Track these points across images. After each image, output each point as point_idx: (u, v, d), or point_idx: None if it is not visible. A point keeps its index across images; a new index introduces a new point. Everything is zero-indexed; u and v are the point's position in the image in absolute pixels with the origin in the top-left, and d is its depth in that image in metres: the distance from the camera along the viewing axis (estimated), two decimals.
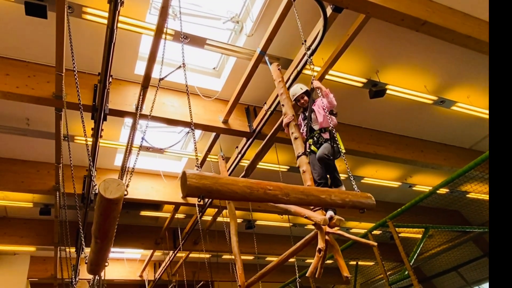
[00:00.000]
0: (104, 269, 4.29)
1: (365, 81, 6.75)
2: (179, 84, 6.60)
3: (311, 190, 3.05)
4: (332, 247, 3.49)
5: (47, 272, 12.14)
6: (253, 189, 2.55)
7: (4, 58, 5.79)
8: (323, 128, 4.03)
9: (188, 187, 2.26)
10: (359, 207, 3.22)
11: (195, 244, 11.25)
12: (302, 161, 3.84)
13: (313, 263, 3.45)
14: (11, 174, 7.76)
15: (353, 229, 12.90)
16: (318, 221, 3.40)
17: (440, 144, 9.04)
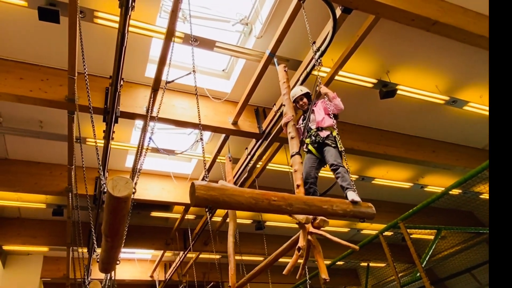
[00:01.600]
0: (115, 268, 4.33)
1: (375, 82, 6.70)
2: (189, 86, 6.64)
3: (314, 200, 3.09)
4: (314, 248, 3.50)
5: (59, 272, 12.32)
6: (258, 200, 2.67)
7: (18, 62, 5.90)
8: (320, 127, 4.00)
9: (196, 198, 2.38)
10: (359, 217, 3.27)
11: (205, 245, 11.29)
12: (295, 160, 3.83)
13: (291, 261, 3.47)
14: (25, 176, 7.90)
15: (364, 230, 12.81)
16: (301, 219, 3.47)
17: (452, 145, 8.92)
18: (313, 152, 3.99)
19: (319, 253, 3.47)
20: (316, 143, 3.96)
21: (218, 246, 10.00)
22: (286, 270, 3.51)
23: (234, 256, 5.83)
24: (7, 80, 5.72)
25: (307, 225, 3.50)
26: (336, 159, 3.71)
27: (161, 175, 8.94)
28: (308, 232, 3.49)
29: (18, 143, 7.61)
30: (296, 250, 3.42)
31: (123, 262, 12.77)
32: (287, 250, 4.06)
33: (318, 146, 3.96)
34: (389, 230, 7.62)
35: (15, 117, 6.89)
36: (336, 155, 3.75)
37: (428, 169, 9.66)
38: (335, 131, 3.89)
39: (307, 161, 3.97)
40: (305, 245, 3.42)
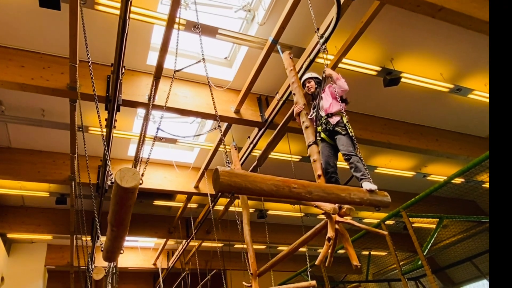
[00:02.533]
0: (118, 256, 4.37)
1: (379, 69, 6.64)
2: (191, 74, 6.59)
3: (332, 188, 3.12)
4: (342, 236, 3.51)
5: (63, 260, 12.45)
6: (279, 187, 2.69)
7: (19, 50, 5.86)
8: (329, 113, 3.93)
9: (221, 184, 2.39)
10: (375, 205, 3.34)
11: (208, 233, 11.37)
12: (313, 150, 3.82)
13: (322, 251, 3.49)
14: (28, 165, 7.92)
15: (366, 219, 12.86)
16: (328, 210, 3.48)
17: (456, 133, 8.88)
18: (326, 140, 3.93)
19: (348, 241, 3.48)
20: (327, 131, 3.91)
21: (220, 234, 10.07)
22: (318, 261, 3.51)
23: (251, 244, 5.84)
24: (9, 68, 5.69)
25: (334, 215, 3.50)
26: (347, 148, 3.66)
27: (164, 164, 8.94)
28: (335, 221, 3.49)
29: (21, 132, 7.62)
30: (326, 240, 3.44)
31: (126, 250, 12.92)
32: (311, 238, 4.06)
33: (329, 134, 3.90)
34: (391, 219, 7.64)
35: (17, 105, 6.88)
36: (347, 143, 3.69)
37: (431, 158, 9.64)
38: (345, 117, 3.83)
39: (323, 150, 3.91)
40: (333, 234, 3.42)
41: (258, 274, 5.52)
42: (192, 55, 6.51)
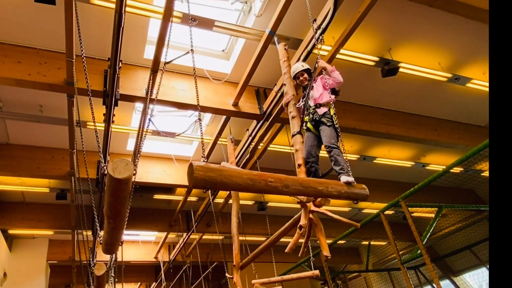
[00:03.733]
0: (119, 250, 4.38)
1: (377, 60, 6.61)
2: (188, 67, 6.56)
3: (309, 181, 3.15)
4: (316, 226, 3.53)
5: (65, 255, 12.51)
6: (255, 181, 2.71)
7: (15, 46, 5.82)
8: (318, 104, 3.93)
9: (195, 179, 2.40)
10: (353, 198, 3.37)
11: (208, 226, 11.42)
12: (296, 140, 3.82)
13: (292, 239, 3.52)
14: (27, 160, 7.92)
15: (365, 210, 12.92)
16: (302, 198, 3.52)
17: (454, 123, 8.89)
18: (312, 130, 3.93)
19: (321, 231, 3.49)
20: (313, 121, 3.90)
21: (221, 227, 10.11)
22: (288, 248, 3.58)
23: (238, 236, 5.91)
24: (5, 64, 5.66)
25: (309, 203, 3.52)
26: (330, 140, 3.66)
27: (163, 158, 8.95)
28: (310, 210, 3.51)
29: (19, 128, 7.60)
30: (297, 228, 3.46)
31: (127, 244, 12.99)
32: (289, 229, 4.11)
33: (315, 124, 3.90)
34: (390, 208, 7.68)
35: (15, 101, 6.85)
36: (330, 135, 3.69)
37: (430, 147, 9.66)
38: (332, 109, 3.83)
39: (307, 140, 3.92)
40: (306, 223, 3.45)
41: (240, 267, 5.61)
42: (189, 48, 6.47)
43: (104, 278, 4.90)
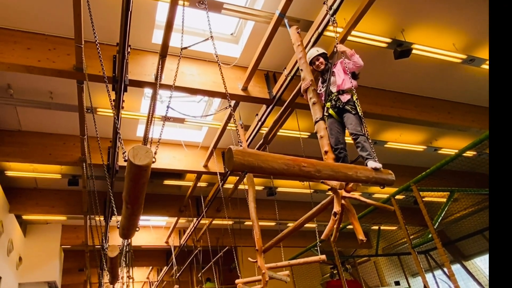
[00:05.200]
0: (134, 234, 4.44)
1: (390, 41, 6.46)
2: (197, 52, 6.50)
3: (339, 167, 3.17)
4: (349, 212, 3.54)
5: (78, 240, 12.76)
6: (290, 165, 2.74)
7: (24, 32, 5.81)
8: (341, 90, 3.88)
9: (234, 163, 2.42)
10: (380, 183, 3.41)
11: (218, 211, 11.51)
12: (320, 126, 3.80)
13: (328, 226, 3.55)
14: (39, 147, 8.00)
15: (376, 194, 12.87)
16: (334, 185, 3.52)
17: (468, 105, 8.71)
18: (334, 117, 3.90)
19: (354, 216, 3.52)
20: (336, 108, 3.87)
21: (231, 212, 10.18)
22: (324, 235, 3.60)
23: (257, 221, 5.90)
24: (15, 50, 5.66)
25: (340, 190, 3.52)
26: (355, 128, 3.67)
27: (172, 143, 8.96)
28: (342, 196, 3.52)
29: (30, 115, 7.66)
30: (332, 215, 3.50)
31: (139, 229, 13.15)
32: (316, 214, 4.10)
33: (338, 111, 3.87)
34: (401, 193, 7.63)
35: (25, 88, 6.88)
36: (355, 122, 3.70)
37: (443, 131, 9.51)
38: (355, 95, 3.81)
39: (331, 127, 3.88)
40: (339, 209, 3.46)
41: (263, 250, 5.61)
42: (197, 32, 6.40)
43: (117, 260, 4.97)
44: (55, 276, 12.07)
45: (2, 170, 9.11)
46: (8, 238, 9.88)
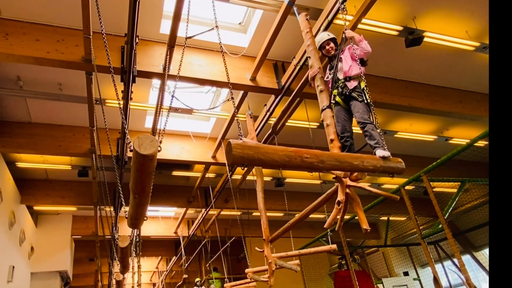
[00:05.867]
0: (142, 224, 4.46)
1: (401, 29, 6.34)
2: (205, 42, 6.45)
3: (345, 156, 3.11)
4: (353, 201, 3.49)
5: (89, 230, 12.93)
6: (291, 157, 2.72)
7: (33, 23, 5.80)
8: (348, 77, 3.78)
9: (233, 156, 2.43)
10: (389, 172, 3.31)
11: (226, 202, 11.55)
12: (327, 114, 3.73)
13: (331, 215, 3.51)
14: (49, 139, 8.06)
15: (385, 185, 12.80)
16: (339, 174, 3.46)
17: (480, 94, 8.55)
18: (341, 104, 3.81)
19: (358, 205, 3.46)
20: (343, 95, 3.78)
21: (239, 203, 10.21)
22: (327, 224, 3.56)
23: (265, 211, 5.91)
24: (24, 42, 5.66)
25: (345, 179, 3.47)
26: (363, 116, 3.56)
27: (180, 134, 8.98)
28: (346, 185, 3.47)
29: (40, 107, 7.70)
30: (336, 204, 3.45)
31: (148, 220, 13.27)
32: (322, 203, 4.06)
33: (345, 98, 3.78)
34: (410, 183, 7.57)
35: (34, 80, 6.90)
36: (363, 110, 3.58)
37: (454, 120, 9.38)
38: (363, 82, 3.70)
39: (338, 114, 3.80)
40: (344, 198, 3.42)
41: (270, 240, 5.63)
42: (206, 22, 6.33)
43: (127, 250, 5.01)
44: (67, 265, 12.27)
45: (13, 161, 9.22)
46: (20, 229, 10.04)
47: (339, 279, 11.90)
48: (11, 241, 9.34)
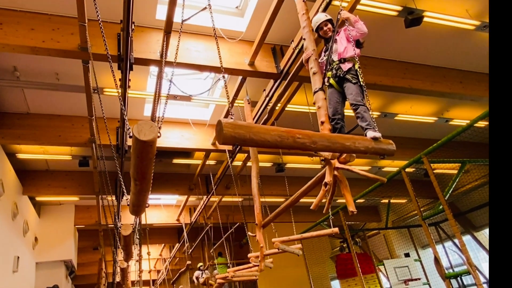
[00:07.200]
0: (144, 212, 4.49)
1: (400, 9, 6.24)
2: (202, 27, 6.37)
3: (337, 137, 3.10)
4: (341, 183, 3.49)
5: (91, 219, 13.00)
6: (283, 137, 2.68)
7: (27, 12, 5.71)
8: (342, 59, 3.74)
9: (224, 136, 2.36)
10: (380, 153, 3.33)
11: (227, 189, 11.59)
12: (318, 96, 3.66)
13: (318, 196, 3.49)
14: (48, 129, 8.04)
15: (386, 168, 12.83)
16: (327, 155, 3.45)
17: (481, 74, 8.48)
18: (334, 87, 3.80)
19: (346, 188, 3.46)
20: (337, 77, 3.75)
21: (240, 189, 10.24)
22: (313, 205, 3.55)
23: (259, 197, 5.94)
24: (19, 31, 5.59)
25: (333, 161, 3.46)
26: (356, 98, 3.55)
27: (180, 122, 8.95)
28: (335, 167, 3.46)
29: (38, 97, 7.65)
30: (323, 185, 3.43)
31: (150, 208, 13.37)
32: (312, 187, 4.07)
33: (339, 80, 3.76)
34: (411, 166, 7.58)
35: (31, 70, 6.84)
36: (356, 92, 3.57)
37: (454, 101, 9.34)
38: (357, 64, 3.67)
39: (331, 97, 3.79)
40: (331, 180, 3.41)
41: (262, 225, 5.69)
42: (202, 7, 6.22)
43: (130, 238, 5.04)
44: (71, 255, 12.40)
45: (14, 153, 9.21)
46: (23, 219, 10.10)
47: (341, 262, 12.04)
48: (14, 232, 9.41)
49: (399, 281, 11.30)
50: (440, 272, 6.71)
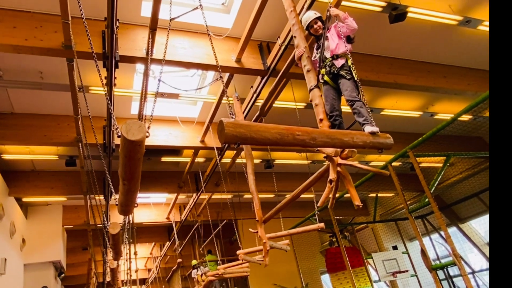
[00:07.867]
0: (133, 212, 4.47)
1: (385, 5, 6.30)
2: (187, 24, 6.34)
3: (335, 133, 3.14)
4: (344, 178, 3.53)
5: (80, 219, 12.85)
6: (283, 135, 2.72)
7: (9, 10, 5.60)
8: (335, 55, 3.78)
9: (226, 135, 2.40)
10: (378, 148, 3.37)
11: (217, 186, 11.58)
12: (315, 94, 3.71)
13: (324, 193, 3.57)
14: (33, 129, 7.91)
15: (373, 162, 12.98)
16: (329, 153, 3.49)
17: (464, 69, 8.64)
18: (329, 83, 3.83)
19: (350, 182, 3.51)
20: (331, 74, 3.79)
21: (229, 186, 10.26)
22: (320, 202, 3.63)
23: (257, 193, 5.94)
24: (0, 29, 5.48)
25: (336, 157, 3.51)
26: (351, 94, 3.59)
27: (168, 120, 8.90)
28: (337, 164, 3.51)
29: (22, 97, 7.52)
30: (328, 182, 3.50)
31: (140, 207, 13.30)
32: (313, 183, 4.09)
33: (333, 77, 3.79)
34: (397, 160, 7.70)
35: (14, 69, 6.71)
36: (351, 88, 3.61)
37: (438, 96, 9.49)
38: (350, 60, 3.72)
39: (327, 94, 3.82)
40: (335, 177, 3.46)
41: (264, 221, 5.69)
42: (187, 3, 6.21)
43: (119, 237, 5.03)
44: (60, 255, 12.25)
45: None
46: (9, 221, 9.94)
47: (330, 256, 12.19)
48: (1, 234, 9.26)
49: (387, 273, 11.49)
50: (426, 263, 6.85)
